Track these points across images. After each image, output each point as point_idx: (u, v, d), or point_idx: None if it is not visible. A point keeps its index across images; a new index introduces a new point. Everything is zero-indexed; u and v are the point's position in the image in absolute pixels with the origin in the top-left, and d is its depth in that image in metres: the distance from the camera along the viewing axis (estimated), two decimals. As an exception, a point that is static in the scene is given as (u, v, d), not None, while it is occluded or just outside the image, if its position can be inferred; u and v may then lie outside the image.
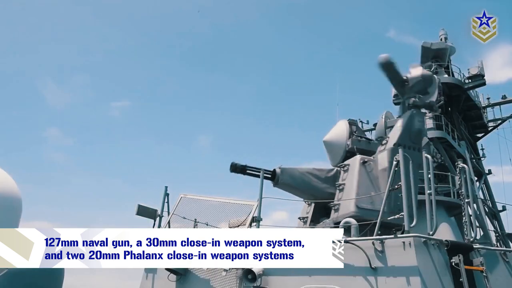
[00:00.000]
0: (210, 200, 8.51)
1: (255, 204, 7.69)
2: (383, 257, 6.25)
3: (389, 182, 7.43)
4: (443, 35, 19.42)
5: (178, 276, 7.94)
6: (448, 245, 6.53)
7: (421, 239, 6.26)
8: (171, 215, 8.87)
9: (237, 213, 7.88)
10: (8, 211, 4.35)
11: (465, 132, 19.00)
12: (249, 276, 6.90)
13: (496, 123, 19.88)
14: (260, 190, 7.83)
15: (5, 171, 7.63)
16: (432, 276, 6.09)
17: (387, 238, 6.36)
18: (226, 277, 7.30)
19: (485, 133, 20.11)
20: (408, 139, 8.66)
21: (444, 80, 17.90)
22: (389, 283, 6.06)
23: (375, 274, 6.19)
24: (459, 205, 8.31)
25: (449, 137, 16.50)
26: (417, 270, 5.96)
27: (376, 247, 6.33)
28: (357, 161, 9.20)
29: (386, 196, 6.95)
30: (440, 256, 6.39)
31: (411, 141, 8.64)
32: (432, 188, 6.71)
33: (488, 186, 19.15)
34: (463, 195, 7.54)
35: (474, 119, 19.60)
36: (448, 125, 16.93)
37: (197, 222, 8.49)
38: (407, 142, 8.53)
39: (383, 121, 13.58)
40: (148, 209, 8.87)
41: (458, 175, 7.71)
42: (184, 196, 8.94)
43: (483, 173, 19.04)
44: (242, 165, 8.83)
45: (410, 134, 8.72)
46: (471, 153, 18.60)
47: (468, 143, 18.67)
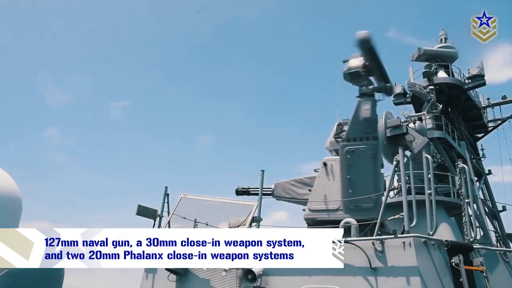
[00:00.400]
0: (210, 200, 8.52)
1: (255, 204, 7.70)
2: (383, 257, 6.24)
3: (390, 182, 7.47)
4: (443, 35, 19.40)
5: (178, 276, 7.94)
6: (448, 245, 6.53)
7: (421, 239, 6.26)
8: (171, 215, 8.88)
9: (237, 213, 7.90)
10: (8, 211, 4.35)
11: (465, 132, 18.99)
12: (249, 276, 6.91)
13: (496, 123, 19.84)
14: (260, 191, 7.84)
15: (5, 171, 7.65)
16: (432, 276, 6.09)
17: (387, 238, 6.37)
18: (226, 277, 7.30)
19: (485, 133, 20.08)
20: (359, 130, 8.45)
21: (444, 80, 17.92)
22: (389, 283, 6.06)
23: (375, 274, 6.19)
24: (459, 205, 8.31)
25: (449, 137, 16.48)
26: (417, 270, 5.96)
27: (376, 247, 6.33)
28: (321, 163, 9.30)
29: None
30: (440, 256, 6.39)
31: (362, 131, 8.43)
32: (432, 188, 6.72)
33: (488, 186, 19.11)
34: (463, 195, 7.55)
35: (474, 119, 19.58)
36: (448, 125, 16.90)
37: (197, 222, 8.50)
38: (358, 134, 8.39)
39: (383, 121, 13.58)
40: (148, 209, 8.87)
41: (458, 175, 7.72)
42: (184, 196, 8.94)
43: (483, 173, 19.02)
44: (244, 188, 10.43)
45: (359, 124, 8.48)
46: (471, 153, 18.58)
47: (468, 143, 18.66)
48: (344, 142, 8.43)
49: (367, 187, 8.13)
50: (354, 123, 8.48)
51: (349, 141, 8.39)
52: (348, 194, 8.24)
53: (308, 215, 8.79)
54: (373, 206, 8.00)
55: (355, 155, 8.27)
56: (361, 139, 8.32)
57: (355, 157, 8.28)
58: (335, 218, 8.36)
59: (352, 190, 8.23)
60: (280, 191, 9.95)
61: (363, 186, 8.17)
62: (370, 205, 8.01)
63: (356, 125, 8.46)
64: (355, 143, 8.31)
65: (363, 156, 8.22)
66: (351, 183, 8.26)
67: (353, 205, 8.16)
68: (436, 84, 17.55)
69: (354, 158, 8.28)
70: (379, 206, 7.99)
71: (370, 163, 8.15)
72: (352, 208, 8.19)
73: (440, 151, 15.93)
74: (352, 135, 8.39)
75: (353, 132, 8.44)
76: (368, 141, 8.28)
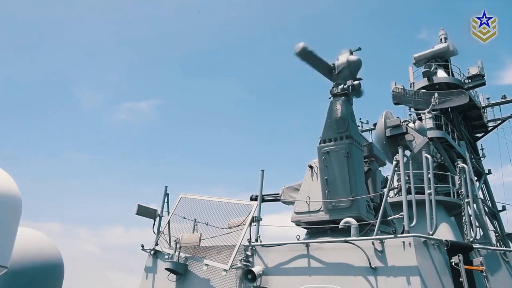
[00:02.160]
0: (210, 200, 8.51)
1: (255, 204, 7.69)
2: (383, 257, 6.24)
3: (389, 182, 7.46)
4: (443, 35, 19.39)
5: (178, 276, 7.93)
6: (448, 245, 6.52)
7: (421, 239, 6.25)
8: (171, 215, 8.86)
9: (237, 213, 7.88)
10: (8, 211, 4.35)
11: (465, 132, 19.00)
12: (249, 275, 6.91)
13: (496, 123, 19.84)
14: (260, 190, 7.83)
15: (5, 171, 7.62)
16: (432, 276, 6.08)
17: (387, 238, 6.35)
18: (226, 277, 7.29)
19: (485, 133, 20.08)
20: (332, 131, 8.48)
21: (444, 80, 17.91)
22: (389, 283, 6.05)
23: (375, 274, 6.19)
24: (459, 205, 8.32)
25: (449, 137, 16.49)
26: (417, 270, 5.95)
27: (376, 247, 6.32)
28: (307, 166, 9.35)
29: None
30: (440, 256, 6.38)
31: (335, 131, 8.45)
32: (432, 188, 6.70)
33: (488, 186, 19.13)
34: (463, 195, 7.55)
35: (474, 119, 19.58)
36: (448, 125, 16.92)
37: (197, 222, 8.49)
38: (332, 135, 8.45)
39: (382, 121, 13.59)
40: (148, 209, 8.86)
41: (458, 175, 7.72)
42: (184, 196, 8.93)
43: (483, 173, 19.03)
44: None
45: (332, 125, 8.49)
46: (471, 153, 18.59)
47: (468, 143, 18.67)
48: (321, 144, 8.51)
49: (342, 186, 8.21)
50: (327, 124, 8.56)
51: (324, 143, 8.47)
52: (326, 195, 8.35)
53: (294, 217, 8.91)
54: (349, 205, 8.07)
55: (329, 156, 8.38)
56: (335, 139, 8.39)
57: (329, 158, 8.38)
58: (317, 219, 8.48)
59: (329, 190, 8.32)
60: (287, 195, 10.17)
61: (338, 186, 8.27)
62: (346, 204, 8.05)
63: (329, 126, 8.53)
64: (329, 144, 8.40)
65: (336, 156, 8.31)
66: (328, 183, 8.36)
67: (331, 205, 8.23)
68: (436, 83, 17.56)
69: (329, 159, 8.38)
70: (356, 204, 8.09)
71: (344, 162, 8.22)
72: (330, 208, 8.29)
73: (440, 150, 15.92)
74: (327, 136, 8.49)
75: (327, 133, 8.53)
76: (341, 141, 8.33)
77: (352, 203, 8.06)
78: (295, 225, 8.92)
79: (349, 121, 8.42)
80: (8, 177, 4.66)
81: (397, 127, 13.39)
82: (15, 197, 4.57)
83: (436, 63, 18.39)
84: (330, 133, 8.49)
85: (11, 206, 4.50)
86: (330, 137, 8.46)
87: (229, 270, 7.17)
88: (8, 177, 4.68)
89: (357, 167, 8.37)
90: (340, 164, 8.28)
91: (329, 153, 8.39)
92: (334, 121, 8.44)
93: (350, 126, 8.38)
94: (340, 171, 8.27)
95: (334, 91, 8.59)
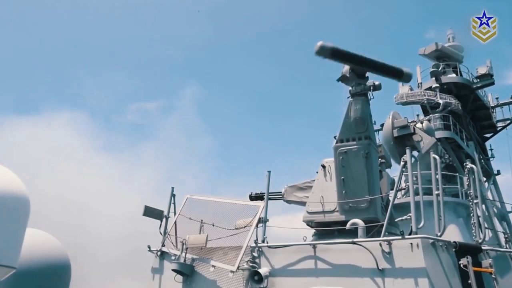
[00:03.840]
0: (217, 201, 8.51)
1: (261, 205, 7.68)
2: (390, 259, 6.19)
3: (397, 183, 7.42)
4: (450, 34, 19.27)
5: (185, 277, 7.94)
6: (457, 246, 6.45)
7: (429, 240, 6.19)
8: (177, 215, 8.87)
9: (243, 214, 7.87)
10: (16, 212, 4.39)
11: (474, 132, 18.85)
12: (256, 277, 6.89)
13: (505, 123, 19.67)
14: (266, 191, 7.83)
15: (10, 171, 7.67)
16: (440, 278, 6.03)
17: (395, 239, 6.30)
18: (232, 278, 7.28)
19: (494, 133, 19.92)
20: (350, 131, 8.41)
21: (452, 80, 17.79)
22: (397, 284, 6.01)
23: (382, 276, 6.14)
24: (468, 206, 8.23)
25: (457, 137, 16.38)
26: (425, 271, 5.89)
27: (383, 248, 6.28)
28: (320, 165, 9.26)
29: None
30: (448, 257, 6.32)
31: (354, 131, 8.38)
32: (440, 189, 6.65)
33: (497, 186, 18.97)
34: (472, 196, 7.46)
35: (482, 119, 19.43)
36: (456, 125, 16.80)
37: (203, 223, 8.48)
38: (350, 134, 8.37)
39: (390, 121, 13.50)
40: (154, 210, 8.87)
41: (466, 175, 7.64)
42: (191, 197, 8.94)
43: (491, 173, 18.88)
44: (257, 194, 10.63)
45: (351, 124, 8.43)
46: (480, 153, 18.45)
47: (477, 143, 18.53)
48: (338, 144, 8.45)
49: (360, 187, 8.13)
50: (346, 123, 8.49)
51: (342, 142, 8.42)
52: (342, 195, 8.25)
53: (306, 217, 8.84)
54: (368, 206, 7.99)
55: (347, 156, 8.30)
56: (353, 139, 8.33)
57: (347, 158, 8.30)
58: (332, 220, 8.40)
59: (346, 191, 8.24)
60: (290, 194, 10.12)
61: (356, 186, 8.17)
62: (365, 205, 7.99)
63: (348, 125, 8.46)
64: (348, 144, 8.33)
65: (355, 156, 8.23)
66: (345, 183, 8.28)
67: (347, 205, 8.16)
68: (444, 83, 17.44)
69: (347, 158, 8.30)
70: (373, 206, 8.01)
71: (362, 163, 8.16)
72: (346, 209, 8.20)
73: (448, 151, 15.83)
74: (345, 136, 8.42)
75: (345, 133, 8.46)
76: (360, 141, 8.27)
77: (370, 204, 8.00)
78: (306, 226, 8.88)
79: (369, 122, 8.40)
80: (16, 179, 4.70)
81: (404, 128, 13.28)
82: (23, 198, 4.60)
83: (444, 62, 18.26)
84: (348, 132, 8.40)
85: (19, 207, 4.54)
86: (348, 136, 8.37)
87: (236, 271, 7.16)
88: (17, 178, 4.71)
89: (375, 168, 8.32)
90: (358, 165, 8.18)
91: (347, 153, 8.31)
92: (353, 121, 8.37)
93: (369, 127, 8.36)
94: (358, 171, 8.18)
95: (353, 90, 8.52)
